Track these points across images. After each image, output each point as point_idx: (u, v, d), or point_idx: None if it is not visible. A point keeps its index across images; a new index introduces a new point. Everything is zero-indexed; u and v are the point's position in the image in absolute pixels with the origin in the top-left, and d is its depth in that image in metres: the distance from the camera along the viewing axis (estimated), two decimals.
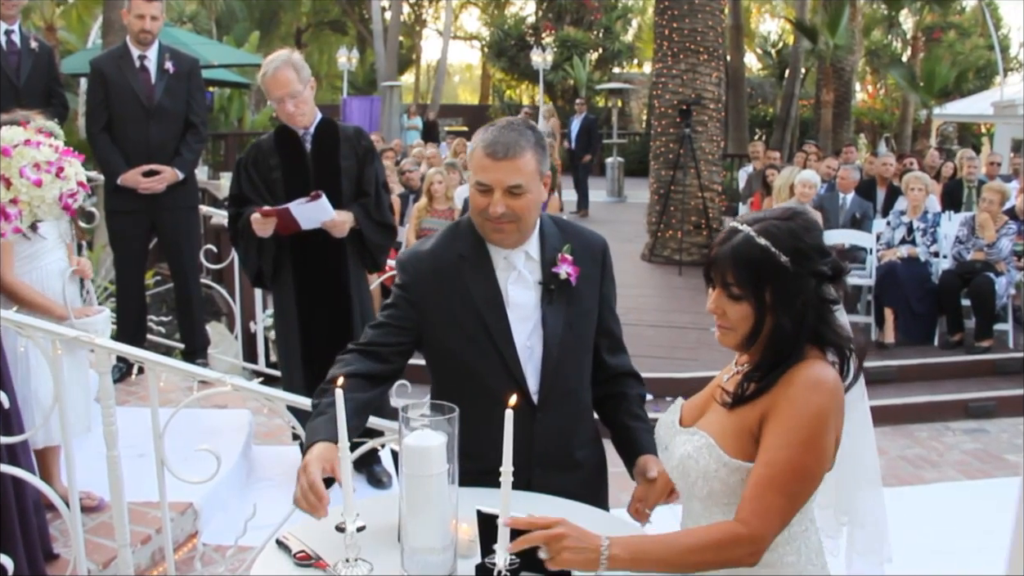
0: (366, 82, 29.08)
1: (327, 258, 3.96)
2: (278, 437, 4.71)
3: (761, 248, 1.71)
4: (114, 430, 2.71)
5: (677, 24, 10.20)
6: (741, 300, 1.74)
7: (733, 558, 1.63)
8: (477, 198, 2.09)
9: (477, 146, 2.09)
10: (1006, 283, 7.01)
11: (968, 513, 4.64)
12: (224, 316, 6.85)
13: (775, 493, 1.65)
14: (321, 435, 1.90)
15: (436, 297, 2.13)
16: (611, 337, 2.30)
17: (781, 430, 1.68)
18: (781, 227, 1.73)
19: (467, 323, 2.11)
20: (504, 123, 2.11)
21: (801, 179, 7.63)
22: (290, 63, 3.77)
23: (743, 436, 1.73)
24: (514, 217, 2.07)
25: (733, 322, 1.76)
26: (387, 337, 2.14)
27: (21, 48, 4.93)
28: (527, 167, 2.05)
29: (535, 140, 2.09)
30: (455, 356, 2.13)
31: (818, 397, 1.69)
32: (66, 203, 3.27)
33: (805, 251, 1.72)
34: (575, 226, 2.31)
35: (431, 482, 1.66)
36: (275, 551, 1.81)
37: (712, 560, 1.64)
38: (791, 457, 1.66)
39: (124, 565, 2.79)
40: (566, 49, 24.08)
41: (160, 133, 4.83)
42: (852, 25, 20.22)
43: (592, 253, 2.24)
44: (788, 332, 1.72)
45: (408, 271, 2.19)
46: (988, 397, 6.45)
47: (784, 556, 1.76)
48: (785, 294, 1.71)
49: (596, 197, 15.40)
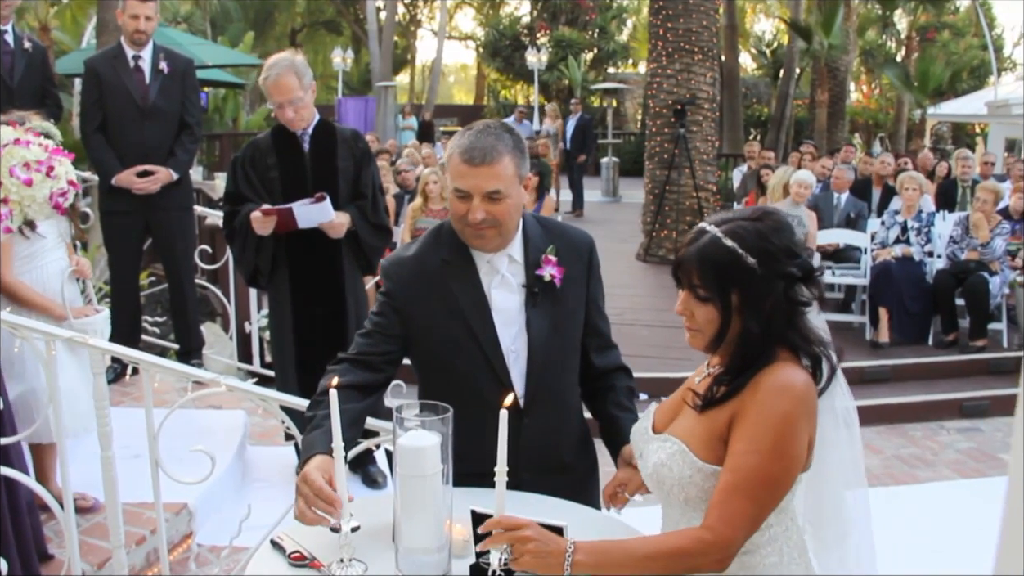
0: (361, 82, 29.08)
1: (323, 259, 3.96)
2: (273, 438, 4.70)
3: (728, 250, 1.68)
4: (108, 431, 2.71)
5: (672, 24, 10.21)
6: (707, 302, 1.71)
7: (700, 565, 1.61)
8: (456, 204, 2.07)
9: (454, 152, 2.06)
10: (1000, 283, 7.03)
11: (963, 512, 4.65)
12: (219, 317, 6.85)
13: (741, 499, 1.62)
14: (317, 448, 1.88)
15: (420, 303, 2.12)
16: (599, 336, 2.29)
17: (748, 435, 1.65)
18: (749, 228, 1.70)
19: (452, 328, 2.10)
20: (481, 127, 2.08)
21: (796, 179, 7.63)
22: (293, 69, 3.75)
23: (714, 440, 1.70)
24: (494, 222, 2.05)
25: (700, 324, 1.75)
26: (376, 346, 2.13)
27: (14, 48, 4.92)
28: (505, 172, 2.03)
29: (513, 144, 2.06)
30: (441, 361, 2.13)
31: (785, 402, 1.66)
32: (57, 202, 3.26)
33: (773, 252, 1.69)
34: (560, 225, 2.29)
35: (425, 482, 1.66)
36: (270, 552, 1.81)
37: (678, 567, 1.61)
38: (758, 464, 1.63)
39: (119, 566, 2.79)
40: (561, 49, 24.11)
41: (155, 133, 4.82)
42: (846, 25, 20.28)
43: (578, 252, 2.22)
44: (756, 335, 1.69)
45: (391, 278, 2.17)
46: (982, 396, 6.46)
47: (766, 558, 1.74)
48: (752, 296, 1.68)
49: (591, 197, 15.41)
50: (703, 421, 1.74)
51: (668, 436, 1.78)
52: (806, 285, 1.73)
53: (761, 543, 1.73)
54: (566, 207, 14.06)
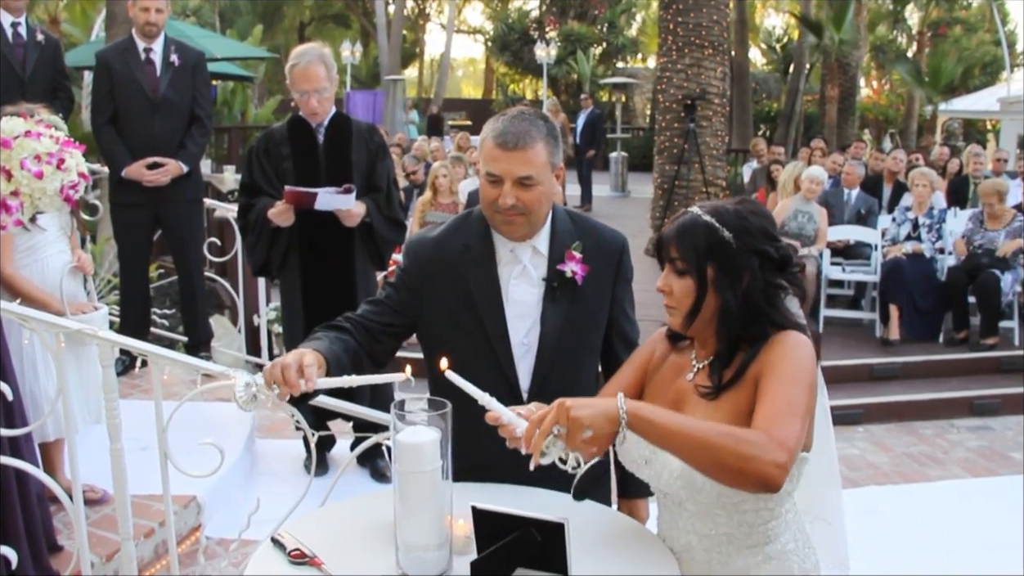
0: (369, 76, 29.06)
1: (335, 253, 3.96)
2: (281, 431, 4.71)
3: (705, 224, 1.75)
4: (117, 423, 2.70)
5: (682, 19, 10.16)
6: (685, 275, 1.77)
7: (756, 457, 1.52)
8: (487, 189, 2.05)
9: (487, 136, 2.04)
10: (1012, 280, 6.98)
11: (975, 511, 4.63)
12: (227, 309, 6.85)
13: (785, 417, 1.60)
14: (304, 346, 1.94)
15: (435, 285, 2.11)
16: (625, 340, 2.22)
17: (778, 377, 1.67)
18: (728, 208, 1.78)
19: (463, 315, 2.08)
20: (515, 112, 2.06)
21: (808, 175, 7.57)
22: (322, 59, 3.79)
23: (741, 419, 1.69)
24: (524, 209, 2.02)
25: (677, 299, 1.78)
26: (380, 316, 2.12)
27: (27, 40, 4.92)
28: (538, 158, 2.01)
29: (547, 131, 2.04)
30: (448, 347, 2.08)
31: (802, 349, 1.71)
32: (67, 195, 3.25)
33: (749, 229, 1.75)
34: (593, 223, 2.24)
35: (425, 478, 1.64)
36: (270, 549, 1.80)
37: (733, 447, 1.53)
38: (789, 392, 1.64)
39: (127, 558, 2.79)
40: (570, 43, 24.03)
41: (165, 126, 4.82)
42: (857, 20, 20.15)
43: (607, 252, 2.17)
44: (733, 311, 1.72)
45: (411, 256, 2.17)
46: (993, 395, 6.43)
47: (786, 544, 1.76)
48: (728, 270, 1.74)
49: (599, 192, 15.38)
50: (722, 407, 1.74)
51: None
52: (782, 273, 1.77)
53: (780, 530, 1.75)
54: (574, 201, 14.03)
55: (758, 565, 1.75)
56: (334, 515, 2.01)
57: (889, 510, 4.60)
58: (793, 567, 1.77)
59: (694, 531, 1.78)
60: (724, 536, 1.76)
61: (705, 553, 1.78)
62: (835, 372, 6.11)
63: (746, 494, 1.68)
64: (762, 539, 1.76)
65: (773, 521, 1.76)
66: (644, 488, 2.24)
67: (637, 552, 1.80)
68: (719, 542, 1.76)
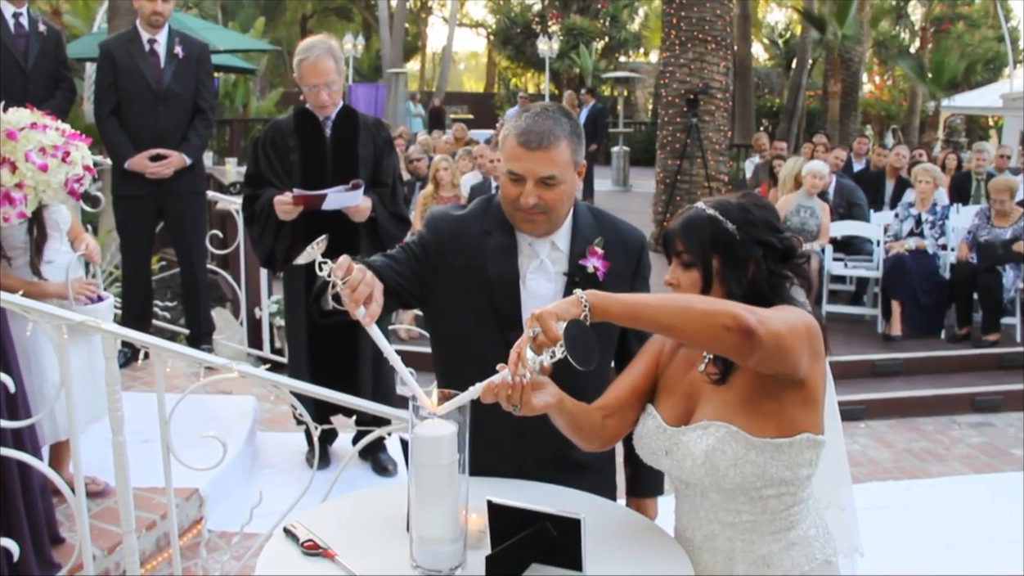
0: (371, 69, 29.02)
1: (340, 247, 3.93)
2: (283, 424, 4.71)
3: (709, 216, 1.80)
4: (120, 415, 2.70)
5: (685, 13, 10.15)
6: (691, 267, 1.80)
7: (729, 323, 1.57)
8: (508, 187, 2.03)
9: (510, 133, 2.02)
10: (1013, 277, 6.98)
11: (976, 507, 4.63)
12: (229, 302, 6.86)
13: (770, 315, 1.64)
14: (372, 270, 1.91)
15: (452, 264, 2.09)
16: (639, 336, 2.14)
17: None
18: (732, 201, 1.83)
19: (477, 299, 2.06)
20: (539, 109, 2.04)
21: (809, 169, 7.55)
22: (331, 53, 3.78)
23: (753, 398, 1.72)
24: (545, 208, 2.01)
25: (685, 291, 1.81)
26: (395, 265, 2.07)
27: (29, 31, 4.90)
28: (561, 157, 1.99)
29: (571, 128, 2.02)
30: (459, 329, 2.08)
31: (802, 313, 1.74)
32: (72, 188, 3.24)
33: (752, 221, 1.79)
34: (613, 219, 2.23)
35: (441, 472, 1.64)
36: (283, 540, 1.80)
37: (695, 300, 1.66)
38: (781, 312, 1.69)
39: (129, 550, 2.79)
40: (572, 37, 23.99)
41: (168, 118, 4.81)
42: (860, 15, 20.10)
43: (627, 249, 2.17)
44: (740, 301, 1.71)
45: (432, 228, 2.14)
46: (995, 391, 6.42)
47: (807, 530, 1.78)
48: (732, 260, 1.78)
49: (601, 186, 15.33)
50: (733, 390, 1.75)
51: (709, 422, 1.76)
52: (786, 263, 1.80)
53: (800, 517, 1.77)
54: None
55: (781, 551, 1.76)
56: (342, 508, 2.00)
57: (891, 506, 4.60)
58: (815, 552, 1.78)
59: (717, 519, 1.78)
60: (748, 523, 1.76)
61: (728, 541, 1.78)
62: (837, 368, 6.01)
63: (768, 479, 1.70)
64: (785, 525, 1.77)
65: (796, 507, 1.77)
66: (653, 487, 2.24)
67: (650, 550, 1.79)
68: (742, 529, 1.77)
